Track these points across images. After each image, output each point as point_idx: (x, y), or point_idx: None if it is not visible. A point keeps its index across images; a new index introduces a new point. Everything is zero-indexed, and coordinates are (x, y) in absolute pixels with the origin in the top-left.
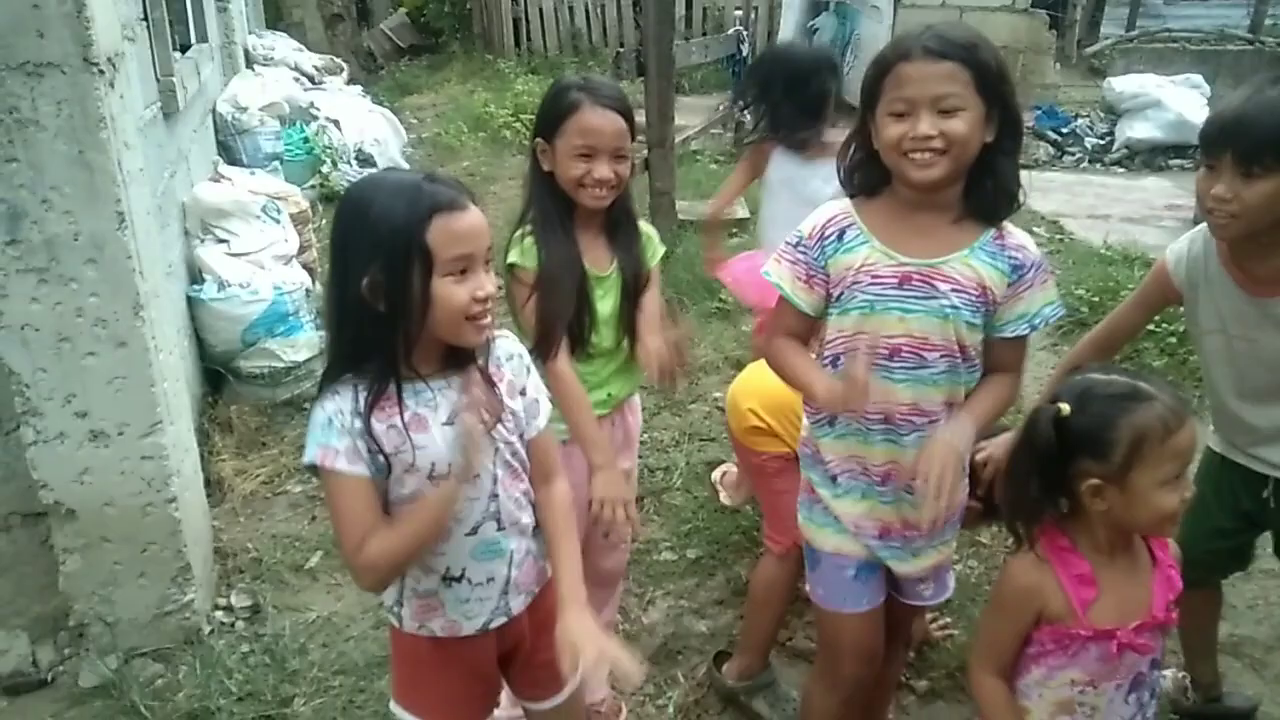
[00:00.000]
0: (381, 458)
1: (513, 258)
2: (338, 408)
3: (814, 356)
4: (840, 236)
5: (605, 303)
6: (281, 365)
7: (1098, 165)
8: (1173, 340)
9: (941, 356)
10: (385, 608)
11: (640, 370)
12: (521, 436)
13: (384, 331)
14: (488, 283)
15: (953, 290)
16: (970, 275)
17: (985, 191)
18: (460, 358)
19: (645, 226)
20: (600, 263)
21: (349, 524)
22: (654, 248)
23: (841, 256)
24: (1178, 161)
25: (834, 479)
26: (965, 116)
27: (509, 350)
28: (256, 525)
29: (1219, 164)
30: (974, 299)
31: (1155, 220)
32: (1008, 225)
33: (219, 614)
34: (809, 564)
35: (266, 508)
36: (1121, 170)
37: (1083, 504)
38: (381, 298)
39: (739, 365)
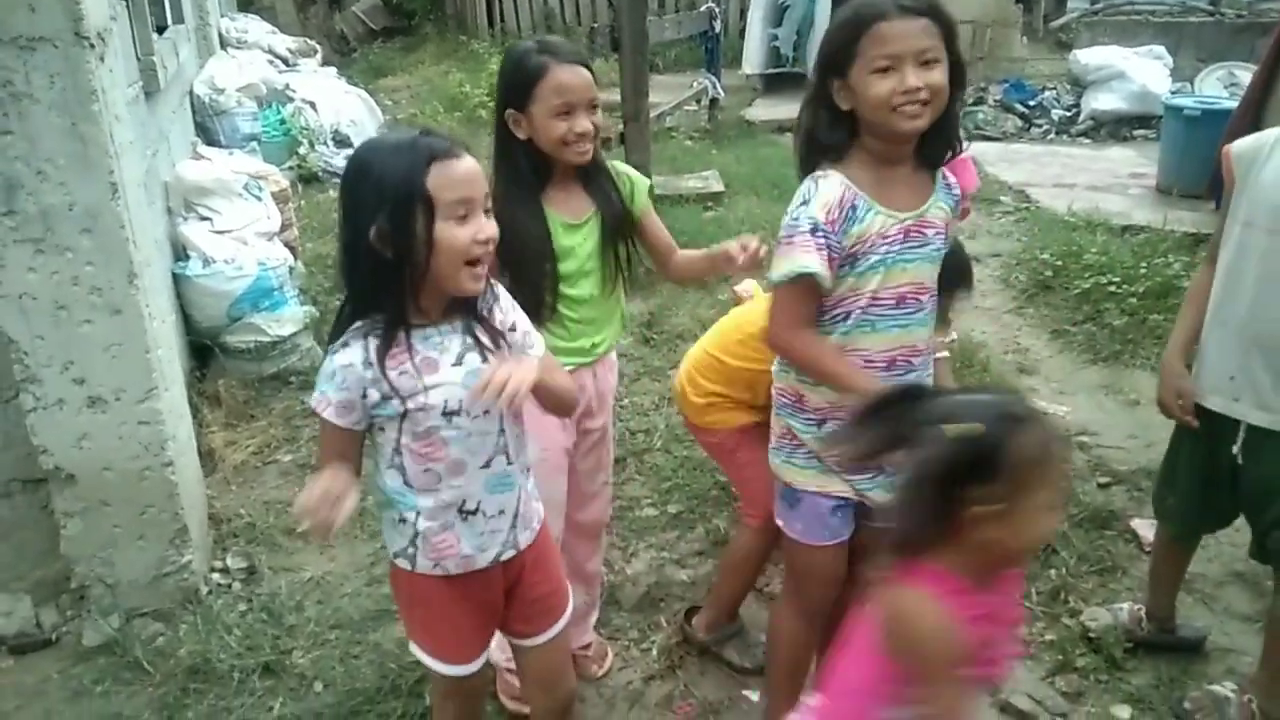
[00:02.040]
0: (397, 401)
1: None
2: (347, 360)
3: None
4: (854, 210)
5: (584, 247)
6: (267, 339)
7: (1064, 136)
8: (1133, 300)
9: (930, 296)
10: (393, 554)
11: (622, 324)
12: None
13: (392, 278)
14: (488, 226)
15: (935, 234)
16: (942, 215)
17: (936, 136)
18: (463, 303)
19: (623, 167)
20: (578, 211)
21: (321, 460)
22: (636, 184)
23: (854, 229)
24: (1141, 132)
25: (820, 423)
26: (941, 68)
27: (505, 297)
28: (249, 493)
29: None
30: (945, 236)
31: (1120, 188)
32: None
33: (216, 575)
34: (786, 503)
35: (257, 476)
36: (1087, 141)
37: (962, 530)
38: (389, 244)
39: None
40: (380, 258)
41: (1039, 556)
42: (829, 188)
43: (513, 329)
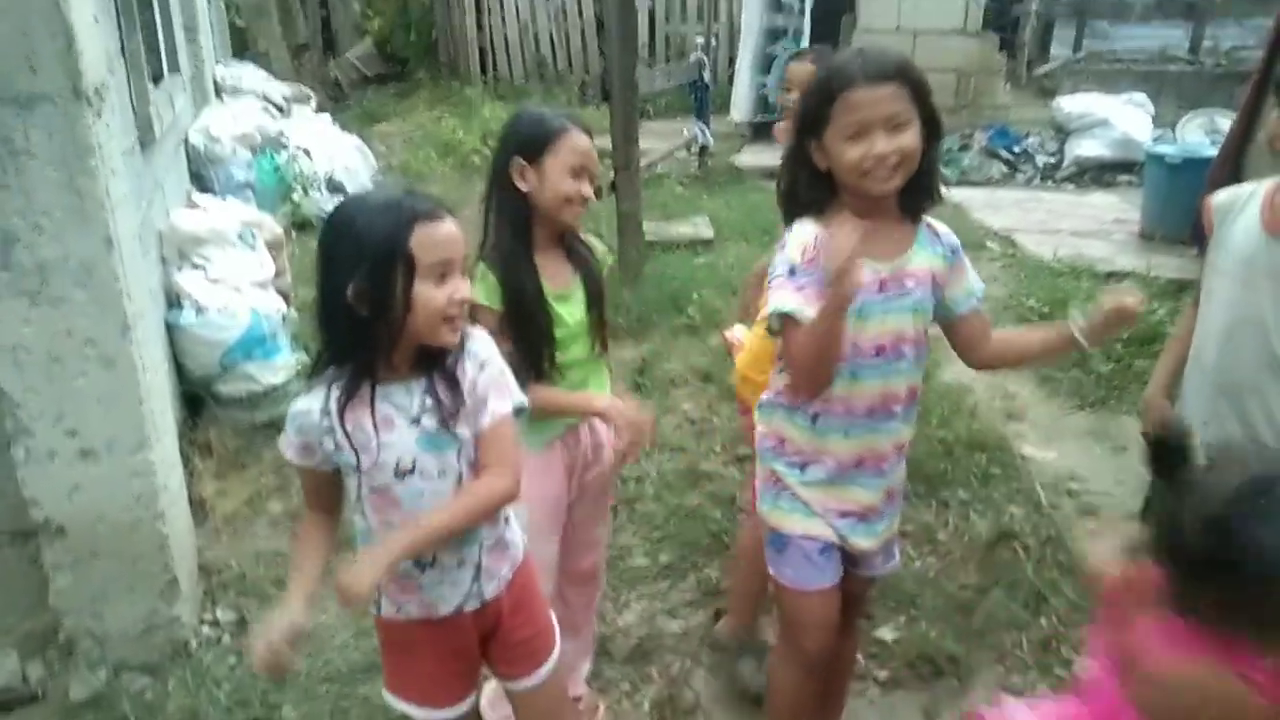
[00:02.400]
0: (349, 454)
1: (477, 296)
2: (306, 406)
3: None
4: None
5: (574, 317)
6: (260, 388)
7: (1048, 182)
8: (1118, 347)
9: (913, 346)
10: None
11: (608, 375)
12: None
13: (366, 334)
14: (463, 287)
15: (916, 285)
16: (924, 267)
17: (916, 189)
18: (430, 359)
19: (590, 238)
20: (564, 281)
21: (305, 493)
22: (604, 257)
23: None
24: (1125, 178)
25: (803, 466)
26: (912, 130)
27: (478, 351)
28: (239, 543)
29: None
30: (929, 289)
31: (1104, 234)
32: (926, 216)
33: (205, 628)
34: (775, 549)
35: (248, 527)
36: (1071, 187)
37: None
38: (366, 302)
39: (707, 378)
40: (355, 314)
41: (1029, 606)
42: (802, 230)
43: (474, 388)
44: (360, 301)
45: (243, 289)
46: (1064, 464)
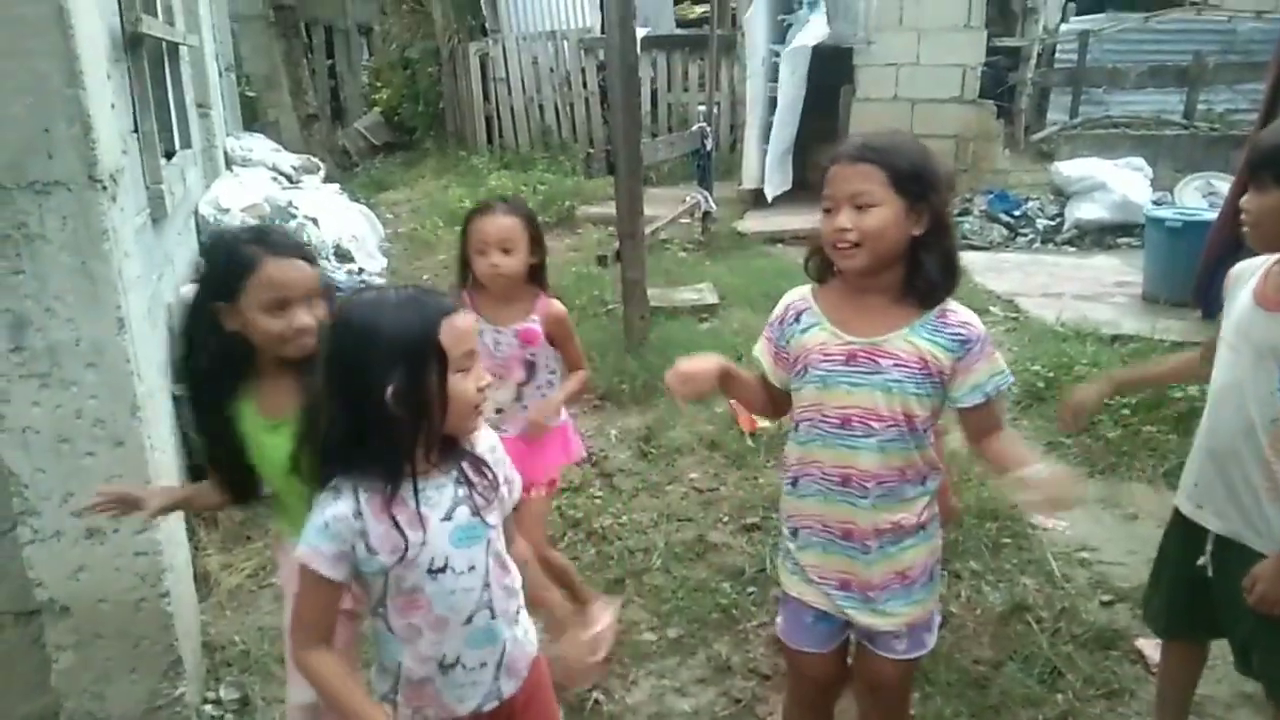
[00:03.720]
0: (384, 556)
1: None
2: (341, 511)
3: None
4: (798, 319)
5: (280, 451)
6: None
7: (1049, 245)
8: (1126, 412)
9: (889, 426)
10: (378, 696)
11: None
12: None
13: (405, 436)
14: (485, 373)
15: (894, 365)
16: (911, 350)
17: (919, 278)
18: (456, 450)
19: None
20: (279, 409)
21: (308, 621)
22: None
23: (800, 337)
24: (1125, 240)
25: (794, 532)
26: (878, 213)
27: (488, 440)
28: (243, 618)
29: (1250, 181)
30: (916, 372)
31: (1106, 297)
32: (952, 304)
33: (208, 708)
34: (779, 602)
35: (252, 600)
36: (1072, 249)
37: None
38: (405, 403)
39: (714, 446)
40: (393, 417)
41: (1045, 680)
42: (787, 296)
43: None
44: (398, 403)
45: None
46: (1075, 533)
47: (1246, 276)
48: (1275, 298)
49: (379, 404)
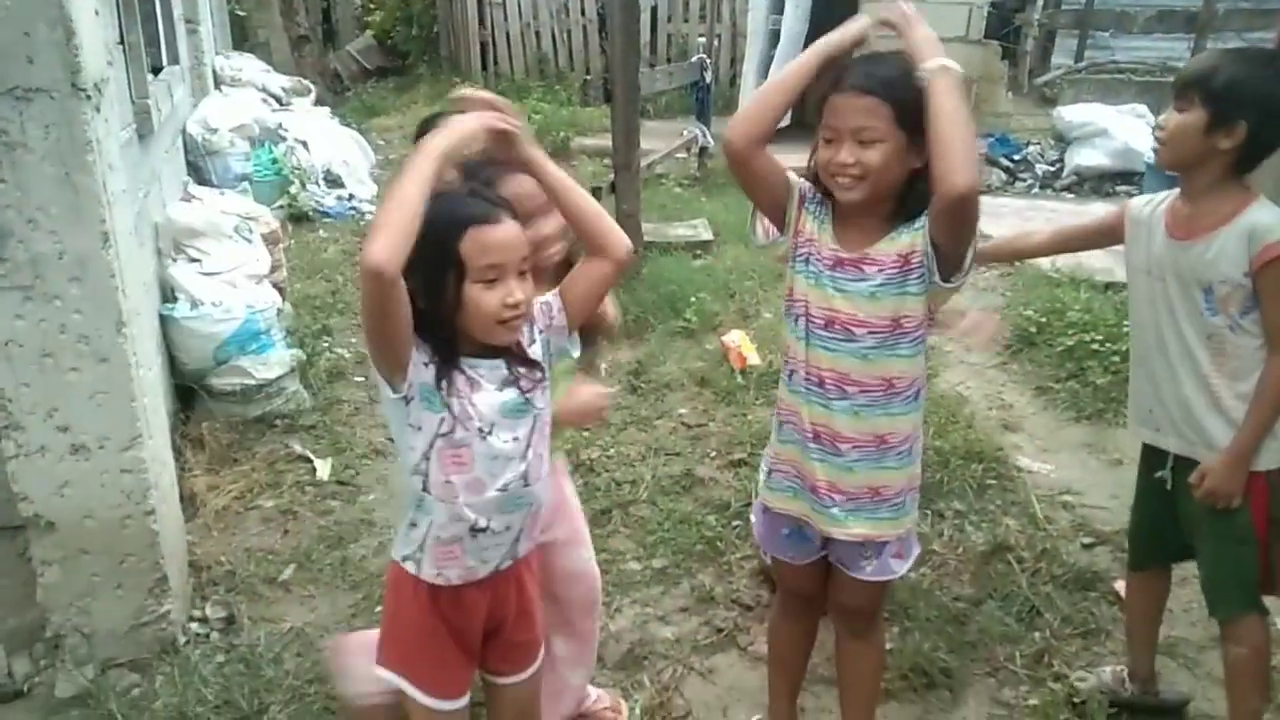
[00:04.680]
0: (445, 394)
1: None
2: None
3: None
4: (820, 202)
5: None
6: (253, 383)
7: (1048, 191)
8: (1115, 359)
9: (870, 333)
10: (401, 558)
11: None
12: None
13: (434, 322)
14: (518, 289)
15: (878, 271)
16: (889, 252)
17: (908, 211)
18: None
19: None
20: None
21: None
22: None
23: (808, 219)
24: (1124, 188)
25: (780, 425)
26: (882, 148)
27: (542, 312)
28: (230, 539)
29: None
30: (899, 270)
31: None
32: None
33: (194, 625)
34: (756, 514)
35: (239, 522)
36: (1071, 196)
37: None
38: (422, 298)
39: (703, 382)
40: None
41: (1023, 619)
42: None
43: (546, 350)
44: (418, 295)
45: (238, 283)
46: (1060, 476)
47: (1148, 211)
48: (1185, 228)
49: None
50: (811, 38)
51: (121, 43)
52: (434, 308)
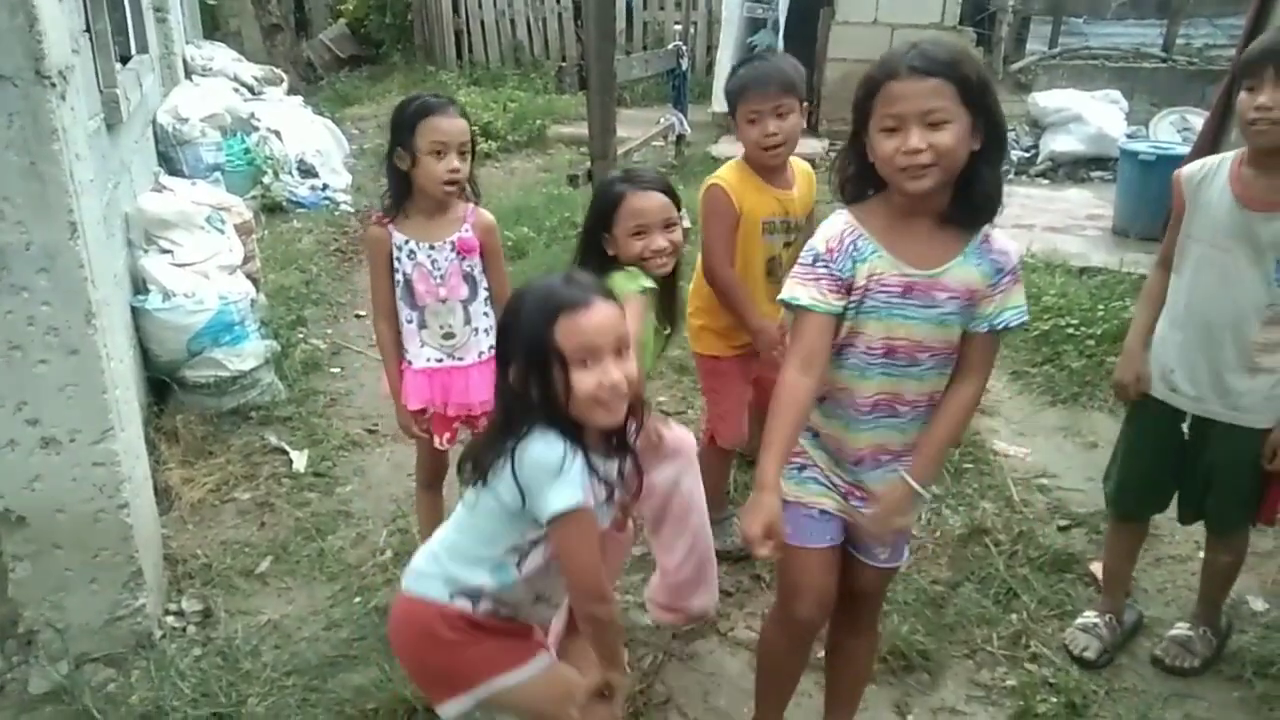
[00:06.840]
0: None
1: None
2: (564, 452)
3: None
4: (856, 247)
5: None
6: (227, 374)
7: (1023, 177)
8: (1090, 343)
9: (932, 356)
10: (450, 596)
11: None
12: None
13: (538, 411)
14: (614, 370)
15: (949, 298)
16: (962, 281)
17: (971, 198)
18: (620, 442)
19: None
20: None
21: (595, 565)
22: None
23: (862, 266)
24: (1098, 173)
25: (812, 433)
26: (951, 129)
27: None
28: (205, 532)
29: (1259, 82)
30: (963, 303)
31: (1077, 229)
32: (992, 229)
33: (170, 619)
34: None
35: (215, 515)
36: (1045, 181)
37: None
38: (529, 386)
39: (683, 370)
40: (519, 392)
41: (1000, 601)
42: (832, 222)
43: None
44: (521, 385)
45: (211, 274)
46: (1036, 460)
47: (1209, 177)
48: (1263, 199)
49: (508, 380)
50: (792, 25)
51: (88, 30)
52: (546, 398)
